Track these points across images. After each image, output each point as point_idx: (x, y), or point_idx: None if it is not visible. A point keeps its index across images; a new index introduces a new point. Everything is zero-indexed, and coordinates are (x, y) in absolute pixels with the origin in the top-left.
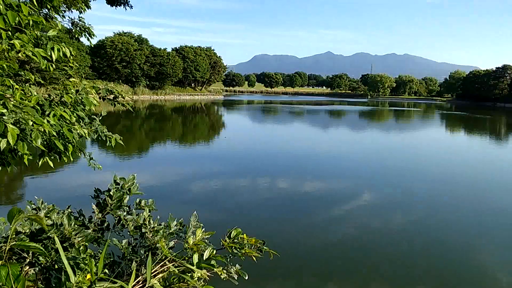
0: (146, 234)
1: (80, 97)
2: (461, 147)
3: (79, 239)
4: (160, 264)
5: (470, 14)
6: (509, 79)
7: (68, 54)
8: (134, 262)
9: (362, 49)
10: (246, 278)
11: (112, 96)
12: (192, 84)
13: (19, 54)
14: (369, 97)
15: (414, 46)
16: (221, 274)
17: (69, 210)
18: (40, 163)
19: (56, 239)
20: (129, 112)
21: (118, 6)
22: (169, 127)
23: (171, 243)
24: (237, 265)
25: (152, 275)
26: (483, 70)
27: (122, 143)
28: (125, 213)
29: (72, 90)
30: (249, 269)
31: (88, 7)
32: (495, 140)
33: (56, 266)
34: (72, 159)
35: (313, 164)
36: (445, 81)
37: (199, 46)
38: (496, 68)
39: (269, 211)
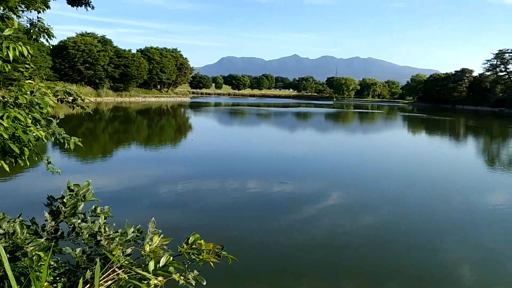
0: (101, 242)
1: (36, 98)
2: (422, 148)
3: (32, 248)
4: (112, 272)
5: (432, 20)
6: (467, 82)
7: (26, 53)
8: (88, 270)
9: (327, 52)
10: (204, 283)
11: (71, 98)
12: (158, 86)
13: None
14: (334, 99)
15: (378, 50)
16: (179, 281)
17: (21, 218)
18: None
19: (1, 248)
20: (93, 114)
21: (79, 6)
22: (134, 130)
23: (129, 250)
24: (195, 270)
25: (104, 283)
26: (443, 74)
27: (81, 145)
28: (79, 221)
29: (27, 91)
30: (213, 274)
31: (48, 7)
32: (454, 141)
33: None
34: (28, 164)
35: (281, 166)
36: (407, 84)
37: (165, 48)
38: (455, 71)
39: (235, 215)
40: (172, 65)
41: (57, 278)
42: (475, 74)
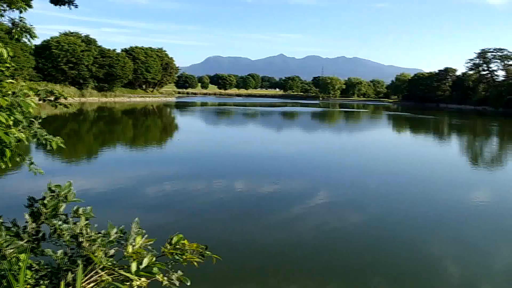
0: (83, 243)
1: (17, 100)
2: (407, 146)
3: (11, 250)
4: (94, 274)
5: (416, 20)
6: (451, 81)
7: (5, 56)
8: (70, 272)
9: (313, 52)
10: (188, 284)
11: (53, 97)
12: (143, 86)
13: None
14: (320, 98)
15: (363, 49)
16: (162, 281)
17: (1, 220)
18: None
19: None
20: (77, 115)
21: (62, 5)
22: (119, 130)
23: (112, 251)
24: (179, 271)
25: (87, 285)
26: (427, 73)
27: (63, 146)
28: (60, 222)
29: (8, 92)
30: (199, 274)
31: (30, 6)
32: (439, 139)
33: None
34: (10, 165)
35: (268, 165)
36: (392, 83)
37: (150, 47)
38: (439, 70)
39: (221, 214)
40: (158, 65)
41: (39, 281)
42: (458, 73)
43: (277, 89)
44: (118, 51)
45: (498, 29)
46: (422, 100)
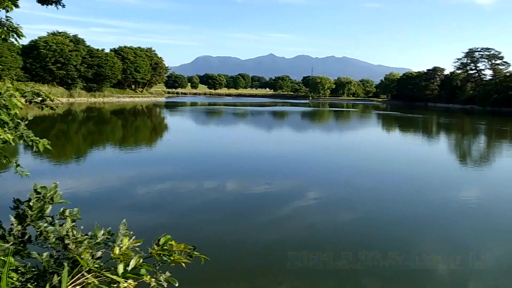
0: (69, 245)
1: (3, 100)
2: (397, 145)
3: None
4: (80, 276)
5: (405, 19)
6: (439, 81)
7: None
8: (56, 275)
9: (303, 51)
10: (176, 285)
11: (40, 98)
12: (133, 86)
13: None
14: (310, 98)
15: (352, 49)
16: (150, 283)
17: None
18: None
19: None
20: (65, 115)
21: (49, 5)
22: (108, 131)
23: (99, 253)
24: (167, 272)
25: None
26: (416, 72)
27: (50, 147)
28: (46, 224)
29: None
30: (188, 275)
31: (16, 6)
32: (428, 138)
33: None
34: None
35: (258, 165)
36: (381, 83)
37: (139, 47)
38: (427, 70)
39: (211, 215)
40: (147, 65)
41: (26, 283)
42: (446, 72)
43: (267, 89)
44: (107, 51)
45: (486, 29)
46: (411, 99)
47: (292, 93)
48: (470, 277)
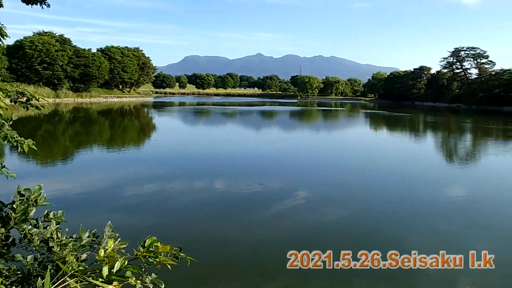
0: (54, 248)
1: None
2: (384, 144)
3: None
4: (64, 280)
5: (392, 19)
6: (426, 80)
7: None
8: (40, 278)
9: (291, 51)
10: (162, 286)
11: (25, 98)
12: (120, 86)
13: None
14: (299, 97)
15: (340, 48)
16: (135, 285)
17: None
18: None
19: None
20: (52, 116)
21: (34, 4)
22: (96, 131)
23: (84, 256)
24: (153, 274)
25: None
26: (403, 71)
27: (35, 148)
28: (30, 227)
29: None
30: (176, 276)
31: (0, 5)
32: (415, 136)
33: None
34: None
35: (248, 164)
36: (368, 82)
37: (127, 47)
38: (414, 69)
39: (200, 215)
40: (134, 65)
41: (10, 287)
42: (432, 71)
43: (256, 89)
44: (94, 50)
45: (471, 28)
46: (398, 98)
47: (280, 92)
48: (462, 275)
